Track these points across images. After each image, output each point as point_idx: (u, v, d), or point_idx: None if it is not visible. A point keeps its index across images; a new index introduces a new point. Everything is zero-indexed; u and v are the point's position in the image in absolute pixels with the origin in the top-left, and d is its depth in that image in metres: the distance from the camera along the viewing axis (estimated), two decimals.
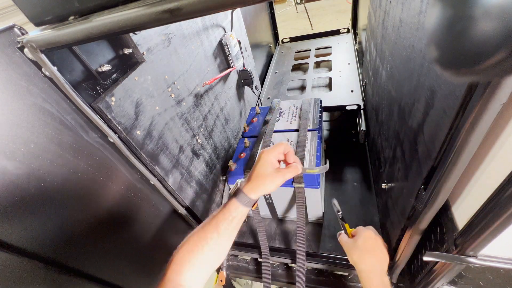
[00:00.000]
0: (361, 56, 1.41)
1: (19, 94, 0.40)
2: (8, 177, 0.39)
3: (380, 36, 0.82)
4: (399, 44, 0.59)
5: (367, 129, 1.12)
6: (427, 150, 0.43)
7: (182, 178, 0.75)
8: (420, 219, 0.49)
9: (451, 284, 0.56)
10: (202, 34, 0.87)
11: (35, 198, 0.43)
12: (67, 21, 0.37)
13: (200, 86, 0.85)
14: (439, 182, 0.39)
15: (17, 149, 0.40)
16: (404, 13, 0.54)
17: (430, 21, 0.15)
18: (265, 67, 1.70)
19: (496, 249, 0.42)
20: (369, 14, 1.06)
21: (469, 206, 0.41)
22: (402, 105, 0.58)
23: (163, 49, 0.67)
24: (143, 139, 0.60)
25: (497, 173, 0.34)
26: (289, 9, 4.25)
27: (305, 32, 3.11)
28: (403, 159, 0.59)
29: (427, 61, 0.42)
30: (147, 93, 0.61)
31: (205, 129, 0.89)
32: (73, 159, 0.48)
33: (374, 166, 1.04)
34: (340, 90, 1.30)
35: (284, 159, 0.58)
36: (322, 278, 0.90)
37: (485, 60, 0.13)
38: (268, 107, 1.06)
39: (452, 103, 0.33)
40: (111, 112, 0.51)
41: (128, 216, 0.62)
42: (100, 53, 0.54)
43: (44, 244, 0.45)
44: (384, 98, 0.78)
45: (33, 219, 0.43)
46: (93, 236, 0.53)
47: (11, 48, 0.39)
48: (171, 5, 0.28)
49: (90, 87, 0.50)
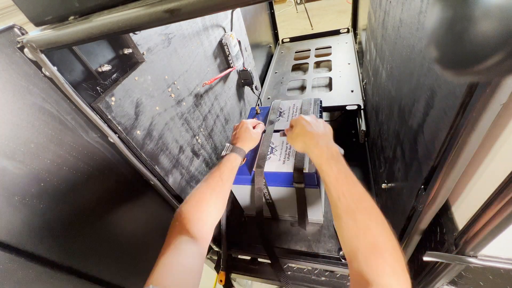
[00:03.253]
0: (361, 56, 1.41)
1: (19, 94, 0.40)
2: (8, 177, 0.39)
3: (380, 36, 0.82)
4: (399, 44, 0.59)
5: (367, 129, 1.12)
6: (427, 150, 0.43)
7: (182, 178, 0.75)
8: (420, 219, 0.49)
9: (451, 284, 0.56)
10: (202, 34, 0.87)
11: (35, 198, 0.43)
12: (67, 21, 0.37)
13: (200, 86, 0.85)
14: (439, 182, 0.39)
15: (17, 149, 0.40)
16: (404, 13, 0.54)
17: (430, 21, 0.15)
18: (265, 67, 1.70)
19: (496, 249, 0.42)
20: (369, 14, 1.06)
21: (469, 206, 0.41)
22: (402, 105, 0.58)
23: (163, 49, 0.67)
24: (143, 139, 0.60)
25: (497, 173, 0.34)
26: (289, 9, 4.25)
27: (305, 32, 3.12)
28: (403, 159, 0.59)
29: (427, 61, 0.42)
30: (147, 93, 0.61)
31: (205, 129, 0.89)
32: (73, 159, 0.48)
33: (374, 166, 1.04)
34: (340, 90, 1.30)
35: (255, 126, 0.80)
36: (322, 278, 0.90)
37: (485, 60, 0.13)
38: (268, 107, 1.05)
39: (452, 103, 0.33)
40: (111, 112, 0.51)
41: (128, 216, 0.62)
42: (100, 53, 0.54)
43: (44, 244, 0.45)
44: (384, 98, 0.78)
45: (33, 219, 0.43)
46: (93, 236, 0.53)
47: (11, 48, 0.39)
48: (171, 5, 0.28)
49: (90, 87, 0.50)
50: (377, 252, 0.39)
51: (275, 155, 0.80)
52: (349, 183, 0.46)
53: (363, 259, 0.39)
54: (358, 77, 1.34)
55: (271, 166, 0.78)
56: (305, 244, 0.92)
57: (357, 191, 0.45)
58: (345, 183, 0.46)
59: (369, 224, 0.42)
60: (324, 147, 0.54)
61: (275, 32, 1.95)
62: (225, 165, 0.62)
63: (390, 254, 0.38)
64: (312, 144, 0.55)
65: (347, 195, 0.44)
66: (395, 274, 0.37)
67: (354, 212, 0.43)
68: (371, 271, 0.37)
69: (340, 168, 0.48)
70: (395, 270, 0.37)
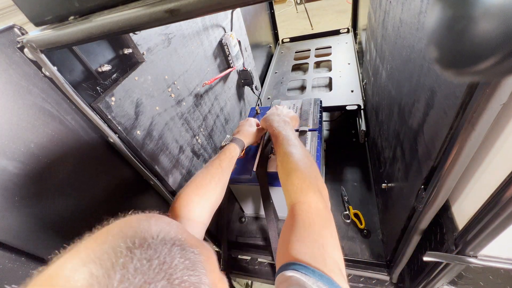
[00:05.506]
0: (361, 56, 1.41)
1: (19, 94, 0.40)
2: (8, 177, 0.39)
3: (380, 36, 0.82)
4: (399, 44, 0.59)
5: (367, 129, 1.12)
6: (427, 150, 0.43)
7: (182, 178, 0.75)
8: (420, 219, 0.49)
9: (451, 284, 0.56)
10: (202, 34, 0.87)
11: (35, 198, 0.43)
12: (67, 21, 0.37)
13: (200, 86, 0.85)
14: (439, 182, 0.39)
15: (17, 149, 0.40)
16: (404, 13, 0.54)
17: (430, 21, 0.15)
18: (265, 67, 1.70)
19: (496, 249, 0.42)
20: (369, 14, 1.06)
21: (469, 206, 0.41)
22: (402, 105, 0.58)
23: (163, 49, 0.67)
24: (143, 139, 0.60)
25: (497, 173, 0.34)
26: (289, 9, 4.25)
27: (305, 32, 3.11)
28: (403, 159, 0.59)
29: (427, 61, 0.42)
30: (147, 93, 0.61)
31: (205, 129, 0.89)
32: (73, 159, 0.48)
33: (374, 166, 1.04)
34: (340, 90, 1.30)
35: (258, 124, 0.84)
36: None
37: (485, 60, 0.13)
38: (268, 107, 1.05)
39: (452, 103, 0.33)
40: (111, 112, 0.51)
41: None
42: (100, 53, 0.54)
43: (44, 244, 0.45)
44: (384, 98, 0.78)
45: (33, 219, 0.43)
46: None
47: (11, 48, 0.39)
48: (171, 5, 0.28)
49: (90, 87, 0.50)
50: (294, 176, 0.50)
51: (275, 155, 0.80)
52: (285, 138, 0.61)
53: (286, 183, 0.50)
54: (358, 77, 1.34)
55: (271, 166, 0.78)
56: None
57: (287, 142, 0.59)
58: (283, 139, 0.61)
59: (288, 160, 0.54)
60: (277, 121, 0.70)
61: (275, 32, 1.95)
62: (224, 153, 0.65)
63: (307, 177, 0.49)
64: (271, 120, 0.72)
65: (281, 147, 0.59)
66: (302, 193, 0.47)
67: (282, 156, 0.56)
68: (293, 192, 0.48)
69: (281, 131, 0.65)
70: (313, 189, 0.48)
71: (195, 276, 0.22)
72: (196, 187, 0.54)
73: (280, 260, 0.38)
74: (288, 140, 0.60)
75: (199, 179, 0.56)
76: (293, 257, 0.37)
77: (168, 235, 0.25)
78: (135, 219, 0.26)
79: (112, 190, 0.57)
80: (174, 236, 0.25)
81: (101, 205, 0.55)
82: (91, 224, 0.27)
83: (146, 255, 0.22)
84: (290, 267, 0.35)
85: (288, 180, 0.51)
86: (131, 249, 0.22)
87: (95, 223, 0.28)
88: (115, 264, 0.20)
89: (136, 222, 0.26)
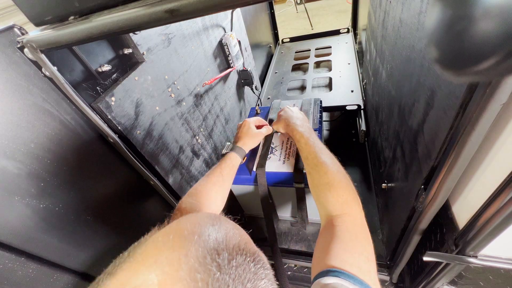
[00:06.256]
0: (361, 56, 1.41)
1: (19, 94, 0.40)
2: (8, 177, 0.39)
3: (380, 36, 0.82)
4: (399, 44, 0.59)
5: (367, 129, 1.12)
6: (427, 150, 0.43)
7: (182, 178, 0.75)
8: (420, 219, 0.49)
9: (451, 284, 0.56)
10: (202, 34, 0.87)
11: (35, 198, 0.43)
12: (67, 21, 0.37)
13: (200, 86, 0.85)
14: (439, 182, 0.39)
15: (17, 149, 0.40)
16: (404, 13, 0.54)
17: (430, 21, 0.15)
18: (265, 67, 1.70)
19: (496, 249, 0.42)
20: (369, 14, 1.06)
21: (469, 206, 0.41)
22: (402, 105, 0.58)
23: (163, 49, 0.67)
24: (143, 139, 0.60)
25: (497, 173, 0.34)
26: (289, 9, 4.25)
27: (305, 32, 3.11)
28: (403, 159, 0.59)
29: (427, 61, 0.42)
30: (147, 93, 0.61)
31: (205, 129, 0.89)
32: (73, 159, 0.48)
33: (374, 166, 1.04)
34: (340, 90, 1.30)
35: (259, 125, 0.81)
36: None
37: (485, 60, 0.13)
38: (268, 107, 1.05)
39: (452, 103, 0.33)
40: (111, 112, 0.51)
41: (129, 216, 0.62)
42: (100, 53, 0.54)
43: (44, 244, 0.45)
44: (384, 98, 0.78)
45: (33, 219, 0.43)
46: (93, 237, 0.53)
47: (11, 48, 0.39)
48: (171, 5, 0.28)
49: (90, 87, 0.50)
50: (339, 187, 0.50)
51: (275, 155, 0.80)
52: (315, 146, 0.59)
53: (327, 193, 0.50)
54: (358, 77, 1.34)
55: (271, 166, 0.78)
56: (305, 244, 0.92)
57: (319, 151, 0.58)
58: (312, 146, 0.59)
59: (326, 170, 0.53)
60: (301, 126, 0.69)
61: (275, 32, 1.95)
62: (225, 162, 0.66)
63: (351, 189, 0.50)
64: (293, 124, 0.70)
65: (313, 155, 0.57)
66: (348, 205, 0.47)
67: (316, 165, 0.55)
68: (338, 204, 0.48)
69: (309, 137, 0.62)
70: (357, 202, 0.48)
71: None
72: (197, 196, 0.55)
73: (319, 266, 0.38)
74: (320, 149, 0.58)
75: (200, 187, 0.58)
76: (336, 266, 0.36)
77: (242, 244, 0.24)
78: (207, 221, 0.25)
79: (112, 190, 0.57)
80: (251, 248, 0.25)
81: (101, 205, 0.55)
82: (91, 224, 0.27)
83: (237, 272, 0.20)
84: (332, 274, 0.35)
85: (332, 191, 0.49)
86: (221, 266, 0.20)
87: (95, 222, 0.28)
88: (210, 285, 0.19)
89: (212, 227, 0.24)
